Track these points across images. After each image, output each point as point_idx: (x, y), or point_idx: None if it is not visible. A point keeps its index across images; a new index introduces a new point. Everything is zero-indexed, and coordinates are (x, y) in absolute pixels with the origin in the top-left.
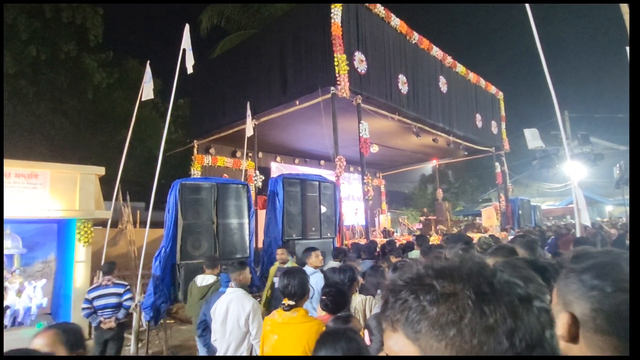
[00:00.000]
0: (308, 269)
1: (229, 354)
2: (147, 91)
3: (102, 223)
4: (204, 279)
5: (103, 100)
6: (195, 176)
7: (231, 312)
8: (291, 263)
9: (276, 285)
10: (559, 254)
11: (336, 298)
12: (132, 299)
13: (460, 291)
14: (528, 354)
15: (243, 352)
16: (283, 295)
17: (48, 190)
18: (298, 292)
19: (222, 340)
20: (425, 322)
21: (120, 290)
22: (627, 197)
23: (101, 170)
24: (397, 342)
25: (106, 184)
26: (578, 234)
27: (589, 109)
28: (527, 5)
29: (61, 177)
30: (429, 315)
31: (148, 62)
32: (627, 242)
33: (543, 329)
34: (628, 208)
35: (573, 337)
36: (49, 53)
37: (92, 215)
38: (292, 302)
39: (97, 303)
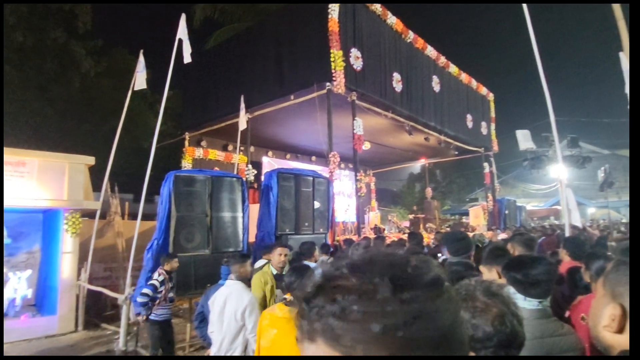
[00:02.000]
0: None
1: (224, 346)
2: (139, 81)
3: (90, 214)
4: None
5: (90, 89)
6: (186, 169)
7: (229, 305)
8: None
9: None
10: (556, 254)
11: None
12: (142, 294)
13: (378, 284)
14: (451, 333)
15: (238, 345)
16: (288, 290)
17: (35, 179)
18: None
19: (219, 333)
20: (348, 325)
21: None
22: (610, 199)
23: (91, 160)
24: (316, 353)
25: (92, 174)
26: (567, 234)
27: (574, 113)
28: (524, 5)
29: (49, 166)
30: (351, 317)
31: (142, 51)
32: (609, 244)
33: (456, 309)
34: (628, 209)
35: (621, 328)
36: (36, 39)
37: (81, 206)
38: None
39: None
